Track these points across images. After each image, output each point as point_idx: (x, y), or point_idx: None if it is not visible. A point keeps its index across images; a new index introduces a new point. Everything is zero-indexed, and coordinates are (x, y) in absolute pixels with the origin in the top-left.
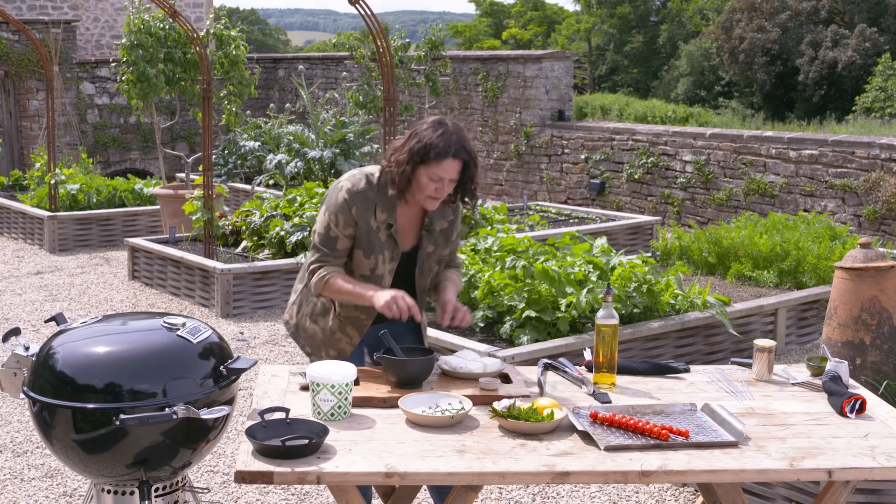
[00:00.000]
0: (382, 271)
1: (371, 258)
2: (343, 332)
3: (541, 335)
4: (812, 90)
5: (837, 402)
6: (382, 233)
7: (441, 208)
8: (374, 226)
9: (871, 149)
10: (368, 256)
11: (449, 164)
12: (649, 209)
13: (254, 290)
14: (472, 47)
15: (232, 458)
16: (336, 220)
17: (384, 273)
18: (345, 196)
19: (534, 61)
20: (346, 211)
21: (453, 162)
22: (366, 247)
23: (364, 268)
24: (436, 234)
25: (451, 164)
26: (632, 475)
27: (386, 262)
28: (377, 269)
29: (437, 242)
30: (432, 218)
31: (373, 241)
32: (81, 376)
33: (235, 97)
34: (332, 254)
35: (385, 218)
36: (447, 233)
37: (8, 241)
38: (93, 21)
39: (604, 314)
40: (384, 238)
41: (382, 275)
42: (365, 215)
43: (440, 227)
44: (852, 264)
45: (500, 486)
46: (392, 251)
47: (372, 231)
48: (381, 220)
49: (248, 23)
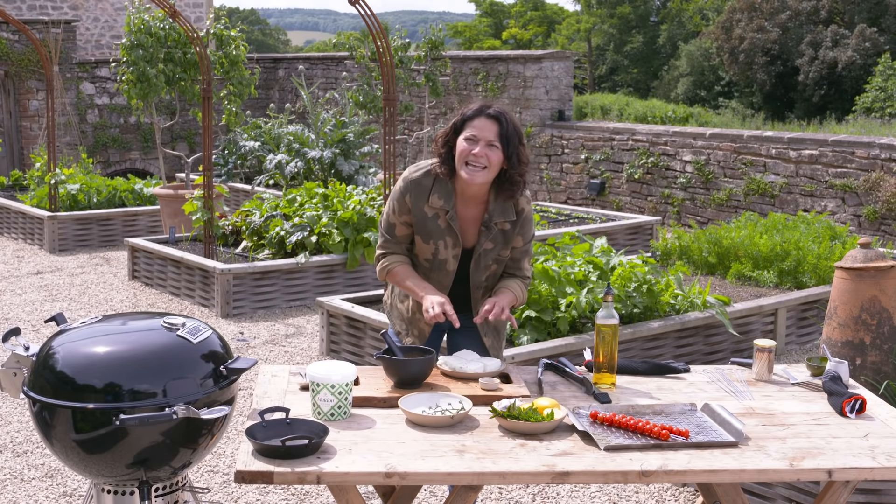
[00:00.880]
0: (446, 256)
1: (430, 243)
2: (421, 312)
3: (541, 335)
4: (812, 90)
5: (837, 402)
6: (442, 220)
7: (502, 206)
8: (429, 213)
9: (871, 149)
10: (427, 242)
11: (481, 123)
12: (649, 209)
13: (254, 290)
14: (472, 47)
15: (232, 458)
16: (394, 208)
17: (448, 258)
18: (401, 185)
19: (534, 61)
20: (401, 199)
21: (486, 121)
22: (423, 233)
23: (426, 252)
24: (495, 232)
25: (483, 122)
26: (632, 475)
27: (449, 248)
28: (439, 253)
29: (496, 240)
30: (492, 214)
31: (430, 228)
32: (81, 376)
33: (235, 97)
34: (392, 240)
35: (442, 204)
36: (508, 234)
37: (8, 241)
38: (93, 21)
39: (604, 314)
40: (444, 225)
41: (446, 259)
42: (419, 203)
43: (500, 225)
44: (852, 264)
45: (500, 486)
46: (454, 238)
47: (428, 218)
48: (438, 207)
49: (248, 23)
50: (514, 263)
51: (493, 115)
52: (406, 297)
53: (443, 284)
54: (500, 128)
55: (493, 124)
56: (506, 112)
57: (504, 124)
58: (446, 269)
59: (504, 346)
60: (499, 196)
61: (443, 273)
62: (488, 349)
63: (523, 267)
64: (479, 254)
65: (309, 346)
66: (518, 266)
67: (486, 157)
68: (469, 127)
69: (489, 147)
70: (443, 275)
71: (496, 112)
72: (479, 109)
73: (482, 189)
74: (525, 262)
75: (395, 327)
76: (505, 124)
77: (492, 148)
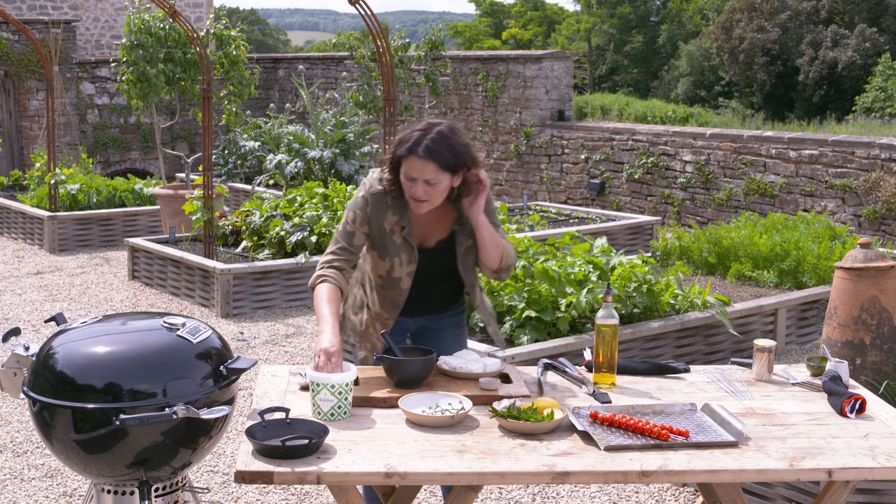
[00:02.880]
0: (400, 274)
1: (386, 261)
2: (374, 326)
3: (541, 335)
4: (812, 90)
5: (837, 402)
6: (397, 235)
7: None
8: (387, 228)
9: (871, 149)
10: (384, 259)
11: (416, 163)
12: (649, 209)
13: (254, 290)
14: (472, 47)
15: (232, 458)
16: (355, 218)
17: (402, 276)
18: (362, 194)
19: (534, 61)
20: (363, 208)
21: (419, 161)
22: (380, 249)
23: (381, 269)
24: (470, 228)
25: (416, 161)
26: (632, 475)
27: (403, 265)
28: (393, 271)
29: (473, 236)
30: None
31: (387, 244)
32: (81, 376)
33: (235, 97)
34: (348, 248)
35: (397, 220)
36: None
37: (8, 241)
38: (93, 21)
39: (604, 314)
40: (399, 241)
41: (400, 277)
42: (378, 217)
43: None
44: (852, 264)
45: (500, 486)
46: (409, 254)
47: (386, 234)
48: (394, 223)
49: (248, 23)
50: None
51: (424, 156)
52: (360, 310)
53: (395, 303)
54: (437, 164)
55: (427, 163)
56: (443, 139)
57: (441, 159)
58: (400, 288)
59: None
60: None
61: (396, 291)
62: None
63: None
64: (462, 254)
65: (309, 346)
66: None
67: (427, 194)
68: (405, 165)
69: (429, 185)
70: (396, 293)
71: (426, 152)
72: (410, 148)
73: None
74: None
75: (350, 340)
76: (442, 158)
77: (432, 184)
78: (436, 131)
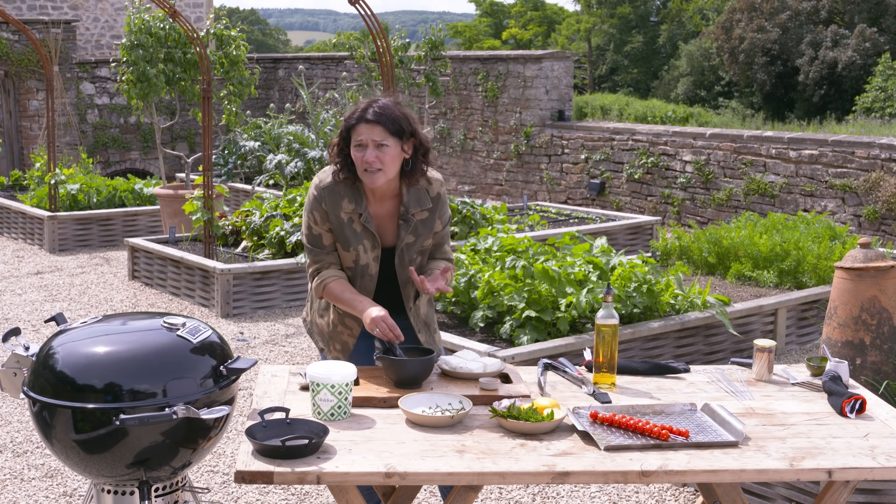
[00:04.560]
0: (367, 260)
1: (351, 250)
2: (343, 324)
3: (541, 335)
4: (812, 90)
5: (837, 402)
6: (356, 223)
7: (416, 196)
8: (345, 218)
9: (871, 149)
10: (348, 249)
11: (365, 128)
12: (649, 209)
13: (254, 290)
14: (472, 47)
15: (232, 458)
16: (313, 218)
17: (369, 261)
18: (314, 192)
19: (534, 61)
20: (318, 206)
21: (368, 126)
22: (343, 241)
23: (348, 260)
24: (414, 224)
25: (364, 127)
26: (632, 475)
27: (368, 251)
28: (360, 259)
29: (416, 232)
30: (407, 206)
31: (347, 234)
32: (81, 376)
33: (235, 97)
34: (323, 251)
35: (353, 207)
36: (427, 222)
37: (8, 241)
38: (93, 21)
39: (604, 314)
40: (359, 229)
41: (367, 264)
42: (334, 209)
43: (419, 216)
44: (852, 264)
45: (500, 486)
46: (371, 240)
47: (344, 224)
48: (351, 211)
49: (248, 23)
50: (436, 248)
51: (373, 119)
52: (325, 312)
53: (367, 290)
54: (384, 126)
55: (375, 126)
56: (388, 107)
57: (388, 122)
58: (369, 274)
59: (438, 338)
60: (409, 185)
61: (366, 278)
62: (423, 345)
63: (446, 250)
64: (402, 249)
65: (309, 346)
66: (441, 250)
67: (379, 160)
68: (355, 133)
69: (379, 148)
70: (366, 280)
71: (375, 115)
72: (359, 116)
73: (391, 185)
74: (447, 245)
75: (318, 344)
76: (389, 121)
77: (382, 148)
78: (381, 101)
